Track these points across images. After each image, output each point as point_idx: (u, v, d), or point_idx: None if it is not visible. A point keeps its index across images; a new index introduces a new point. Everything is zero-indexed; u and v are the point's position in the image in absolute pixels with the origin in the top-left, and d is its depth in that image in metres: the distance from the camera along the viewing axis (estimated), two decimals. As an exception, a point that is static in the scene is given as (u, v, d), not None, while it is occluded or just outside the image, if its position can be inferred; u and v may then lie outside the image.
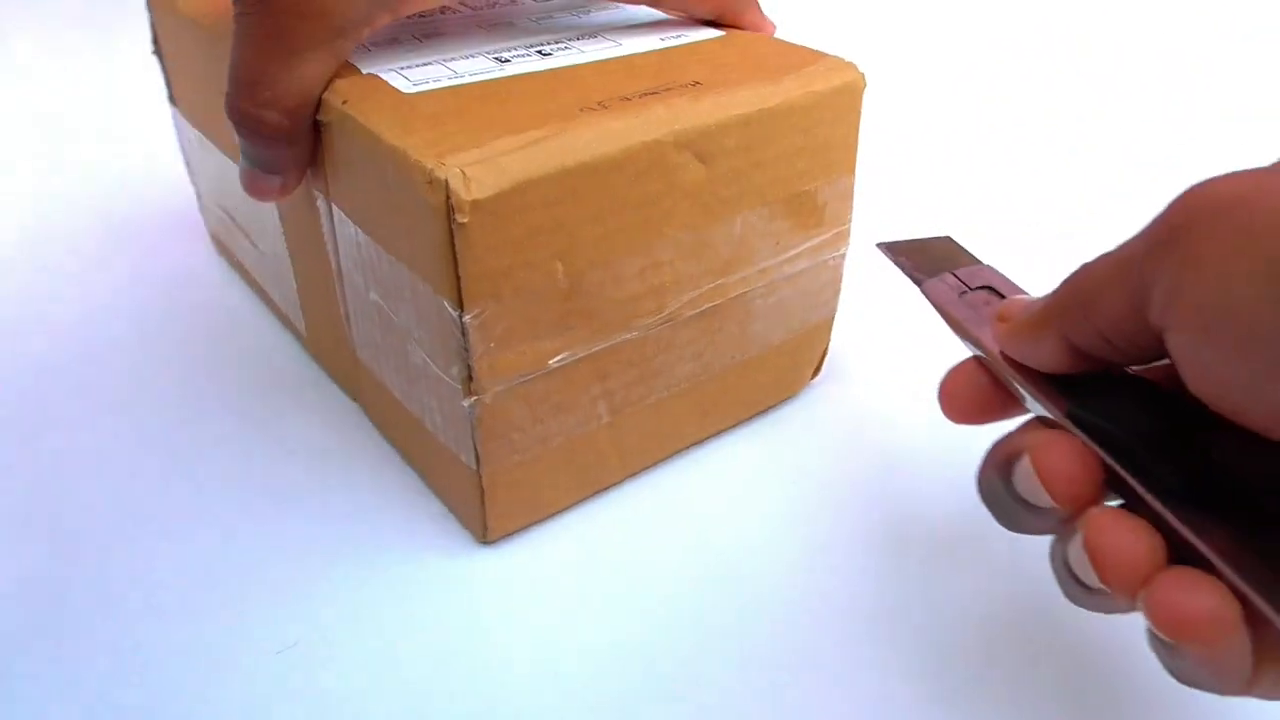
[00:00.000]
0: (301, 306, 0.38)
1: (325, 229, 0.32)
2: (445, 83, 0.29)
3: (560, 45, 0.32)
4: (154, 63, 0.44)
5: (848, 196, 0.34)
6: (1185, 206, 0.19)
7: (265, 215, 0.38)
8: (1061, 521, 0.22)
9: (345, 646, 0.28)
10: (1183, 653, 0.19)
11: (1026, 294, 0.26)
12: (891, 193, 0.48)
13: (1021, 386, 0.23)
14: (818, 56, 0.32)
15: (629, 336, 0.30)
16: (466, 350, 0.27)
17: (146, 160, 0.56)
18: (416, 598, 0.30)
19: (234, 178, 0.39)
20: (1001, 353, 0.24)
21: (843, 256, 0.35)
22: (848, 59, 0.32)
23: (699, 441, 0.35)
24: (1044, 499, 0.21)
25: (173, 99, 0.44)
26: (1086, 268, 0.21)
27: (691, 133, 0.28)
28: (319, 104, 0.29)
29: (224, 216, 0.43)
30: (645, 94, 0.29)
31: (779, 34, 0.35)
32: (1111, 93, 0.69)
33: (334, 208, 0.31)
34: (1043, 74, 0.72)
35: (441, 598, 0.30)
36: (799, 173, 0.31)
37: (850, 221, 0.34)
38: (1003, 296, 0.26)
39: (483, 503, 0.30)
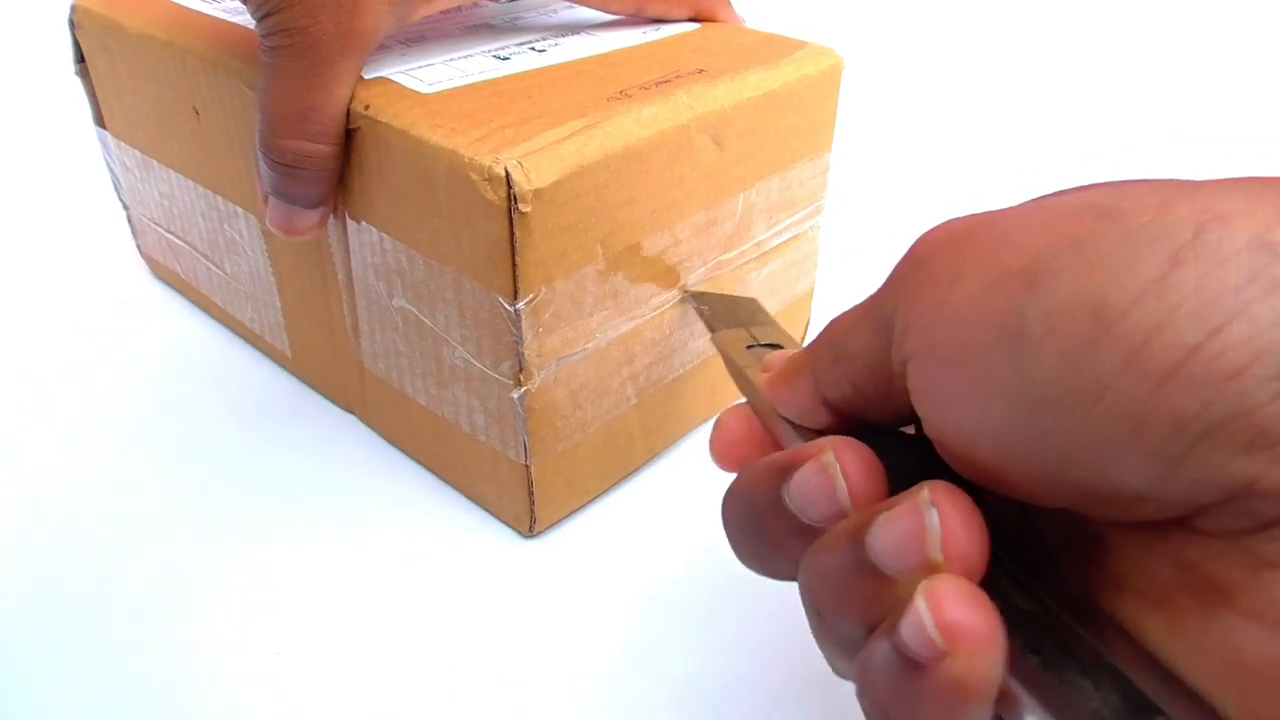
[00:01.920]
0: (285, 325, 0.37)
1: (332, 240, 0.32)
2: (459, 82, 0.29)
3: (551, 43, 0.33)
4: (72, 85, 0.41)
5: (825, 172, 0.36)
6: (922, 243, 0.18)
7: (240, 237, 0.37)
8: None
9: (419, 656, 0.28)
10: (940, 670, 0.16)
11: (793, 348, 0.25)
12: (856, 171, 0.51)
13: (785, 438, 0.22)
14: (799, 43, 0.34)
15: (650, 315, 0.31)
16: (518, 339, 0.27)
17: (67, 186, 0.52)
18: (477, 598, 0.30)
19: (188, 197, 0.38)
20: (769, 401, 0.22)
21: (819, 229, 0.37)
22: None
23: (707, 419, 0.37)
24: (824, 506, 0.18)
25: (100, 121, 0.42)
26: (833, 322, 0.21)
27: (710, 116, 0.29)
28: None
29: (173, 239, 0.42)
30: (659, 82, 0.30)
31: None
32: (1087, 80, 0.74)
33: (346, 218, 0.31)
34: (999, 55, 0.77)
35: (501, 594, 0.30)
36: (791, 151, 0.33)
37: (825, 195, 0.37)
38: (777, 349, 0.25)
39: (531, 494, 0.30)
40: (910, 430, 0.20)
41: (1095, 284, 0.15)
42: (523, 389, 0.28)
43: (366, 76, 0.30)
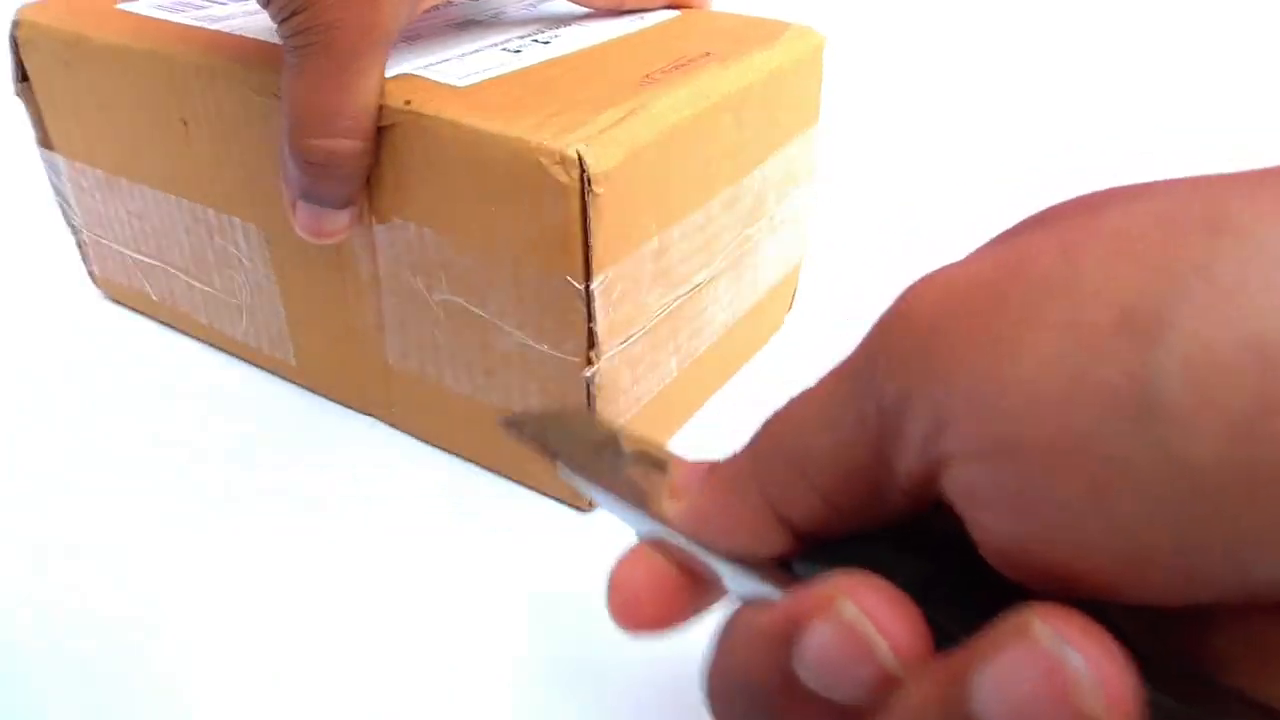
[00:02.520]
0: (291, 333, 0.37)
1: (355, 241, 0.32)
2: (486, 74, 0.30)
3: (551, 34, 0.34)
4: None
5: (813, 142, 0.38)
6: (919, 303, 0.14)
7: (238, 248, 0.36)
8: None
9: (491, 645, 0.28)
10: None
11: (686, 460, 0.19)
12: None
13: (725, 578, 0.17)
14: (783, 24, 0.36)
15: (691, 289, 0.32)
16: (591, 318, 0.28)
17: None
18: (540, 578, 0.30)
19: (167, 214, 0.37)
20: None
21: (811, 196, 0.40)
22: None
23: (724, 384, 0.38)
24: (863, 676, 0.14)
25: (46, 142, 0.40)
26: (781, 415, 0.17)
27: (732, 96, 0.31)
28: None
29: (143, 259, 0.40)
30: (675, 66, 0.31)
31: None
32: (1073, 72, 0.78)
33: (371, 216, 0.31)
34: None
35: (563, 571, 0.31)
36: (791, 125, 0.35)
37: (815, 166, 0.39)
38: (661, 466, 0.19)
39: (590, 470, 0.31)
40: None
41: (1249, 323, 0.11)
42: (594, 368, 0.29)
43: (387, 75, 0.30)
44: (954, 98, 0.70)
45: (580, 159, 0.26)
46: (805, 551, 0.16)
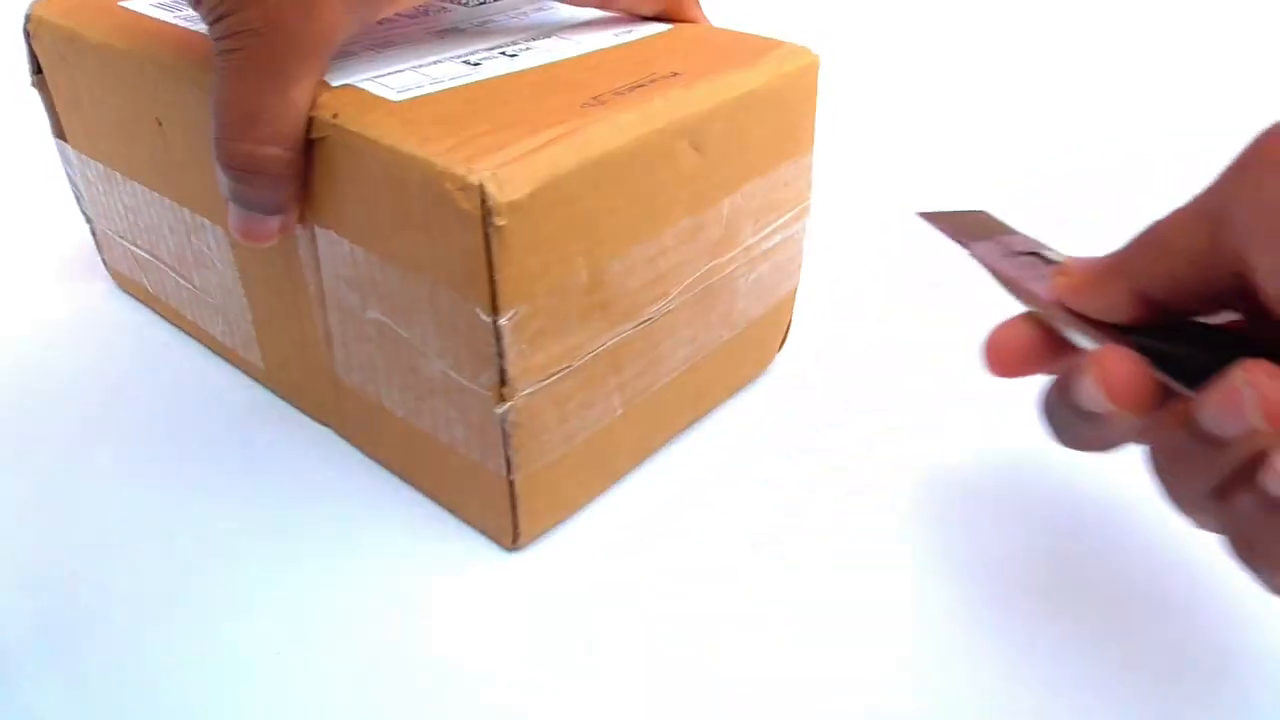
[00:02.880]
0: (258, 337, 0.36)
1: (302, 252, 0.31)
2: (430, 89, 0.29)
3: (522, 46, 0.32)
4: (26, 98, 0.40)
5: (808, 171, 0.35)
6: (1257, 142, 0.21)
7: (209, 249, 0.36)
8: (1117, 430, 0.24)
9: (395, 671, 0.27)
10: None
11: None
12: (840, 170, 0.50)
13: (1083, 334, 0.24)
14: (775, 42, 0.33)
15: (640, 325, 0.30)
16: (501, 355, 0.26)
17: (28, 199, 0.51)
18: (458, 613, 0.29)
19: (154, 210, 0.37)
20: (1060, 304, 0.25)
21: (804, 230, 0.37)
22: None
23: (692, 424, 0.36)
24: (1102, 404, 0.22)
25: (60, 133, 0.41)
26: (1160, 219, 0.23)
27: (689, 120, 0.29)
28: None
29: (140, 253, 0.41)
30: (634, 87, 0.29)
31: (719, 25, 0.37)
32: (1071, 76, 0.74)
33: (315, 228, 0.30)
34: (977, 50, 0.77)
35: (483, 609, 0.29)
36: (772, 152, 0.33)
37: (810, 196, 0.36)
38: (1046, 260, 0.27)
39: (514, 509, 0.30)
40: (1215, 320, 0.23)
41: None
42: (507, 405, 0.27)
43: (334, 84, 0.29)
44: (968, 119, 0.65)
45: (481, 189, 0.24)
46: (1140, 329, 0.23)
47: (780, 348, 0.39)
